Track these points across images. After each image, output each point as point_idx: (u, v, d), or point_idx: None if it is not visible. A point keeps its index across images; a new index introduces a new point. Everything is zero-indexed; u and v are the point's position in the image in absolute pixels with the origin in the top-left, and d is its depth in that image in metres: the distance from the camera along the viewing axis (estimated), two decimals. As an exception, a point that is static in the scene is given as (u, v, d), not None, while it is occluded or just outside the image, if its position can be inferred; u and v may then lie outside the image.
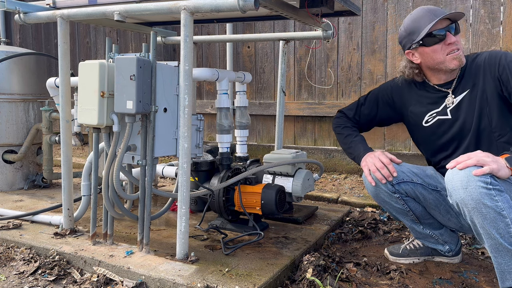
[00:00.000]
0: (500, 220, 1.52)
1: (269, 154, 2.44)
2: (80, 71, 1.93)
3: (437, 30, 1.82)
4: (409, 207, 1.99)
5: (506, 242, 1.54)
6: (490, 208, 1.52)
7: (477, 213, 1.54)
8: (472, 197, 1.53)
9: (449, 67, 1.86)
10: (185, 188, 1.84)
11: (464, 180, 1.55)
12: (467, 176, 1.55)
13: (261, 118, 4.21)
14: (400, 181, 1.93)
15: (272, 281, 1.76)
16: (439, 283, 1.91)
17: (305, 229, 2.38)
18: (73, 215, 2.26)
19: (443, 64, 1.87)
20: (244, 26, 4.19)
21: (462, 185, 1.55)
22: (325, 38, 2.67)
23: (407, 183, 1.94)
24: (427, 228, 2.06)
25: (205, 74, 2.16)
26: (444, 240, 2.07)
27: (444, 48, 1.84)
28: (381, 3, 3.60)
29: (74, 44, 5.31)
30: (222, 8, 1.71)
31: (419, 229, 2.07)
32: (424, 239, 2.11)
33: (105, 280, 1.82)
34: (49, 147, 3.14)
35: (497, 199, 1.52)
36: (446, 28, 1.83)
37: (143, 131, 1.90)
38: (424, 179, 1.95)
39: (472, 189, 1.53)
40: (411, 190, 1.94)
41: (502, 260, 1.57)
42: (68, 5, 2.18)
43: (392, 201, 1.98)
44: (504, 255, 1.56)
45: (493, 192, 1.52)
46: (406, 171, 1.95)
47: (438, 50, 1.85)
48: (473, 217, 1.57)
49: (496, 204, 1.52)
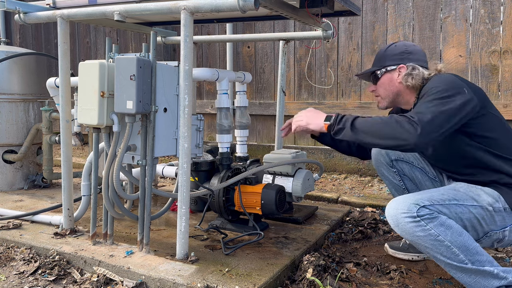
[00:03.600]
0: (439, 245, 1.59)
1: (269, 154, 2.44)
2: (80, 71, 1.93)
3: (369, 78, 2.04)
4: (405, 185, 2.13)
5: (455, 262, 1.60)
6: (425, 238, 1.59)
7: (417, 244, 1.63)
8: (406, 233, 1.61)
9: None
10: (185, 188, 1.84)
11: (394, 219, 1.63)
12: (395, 215, 1.62)
13: (261, 118, 4.21)
14: (399, 158, 2.10)
15: (272, 281, 1.76)
16: (439, 283, 1.91)
17: (305, 229, 2.38)
18: (73, 215, 2.26)
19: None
20: (244, 26, 4.19)
21: (394, 224, 1.63)
22: (325, 38, 2.67)
23: (405, 162, 2.11)
24: None
25: (205, 74, 2.16)
26: None
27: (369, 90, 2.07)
28: (381, 3, 3.60)
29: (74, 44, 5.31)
30: (222, 8, 1.71)
31: None
32: None
33: (105, 280, 1.82)
34: (49, 147, 3.14)
35: (429, 228, 1.58)
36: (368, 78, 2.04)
37: (143, 131, 1.90)
38: (426, 167, 2.09)
39: (402, 226, 1.60)
40: (408, 171, 2.11)
41: (461, 275, 1.63)
42: (68, 5, 2.18)
43: (390, 175, 2.15)
44: (460, 271, 1.62)
45: (422, 223, 1.58)
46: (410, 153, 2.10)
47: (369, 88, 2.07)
48: (416, 247, 1.67)
49: (429, 233, 1.58)
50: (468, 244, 1.60)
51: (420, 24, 3.48)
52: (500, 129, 1.78)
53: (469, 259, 1.59)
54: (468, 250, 1.60)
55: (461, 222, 1.65)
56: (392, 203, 1.66)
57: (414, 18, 3.50)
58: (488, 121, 1.75)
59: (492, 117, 1.78)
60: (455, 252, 1.59)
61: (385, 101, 1.98)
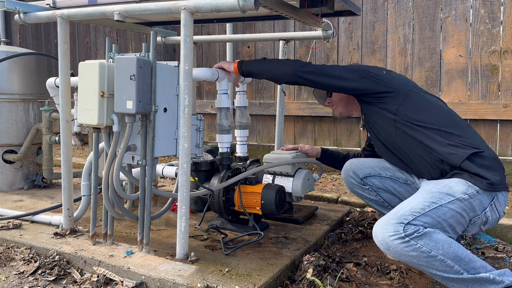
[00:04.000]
0: (433, 260, 1.59)
1: (269, 154, 2.43)
2: (80, 71, 1.93)
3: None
4: (383, 198, 2.16)
5: (451, 274, 1.60)
6: (419, 257, 1.59)
7: (412, 264, 1.63)
8: (399, 255, 1.61)
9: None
10: (185, 188, 1.84)
11: (383, 243, 1.63)
12: (384, 240, 1.63)
13: (261, 118, 4.21)
14: (367, 175, 2.14)
15: (272, 281, 1.76)
16: (439, 283, 1.91)
17: (305, 229, 2.38)
18: (73, 215, 2.26)
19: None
20: (244, 26, 4.19)
21: (385, 248, 1.64)
22: (325, 38, 2.67)
23: (374, 177, 2.15)
24: None
25: (205, 74, 2.16)
26: None
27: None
28: (381, 3, 3.60)
29: (74, 44, 5.31)
30: (222, 8, 1.71)
31: None
32: None
33: (105, 280, 1.82)
34: (49, 147, 3.14)
35: (420, 246, 1.59)
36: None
37: (143, 131, 1.90)
38: (394, 174, 2.13)
39: (393, 249, 1.61)
40: (379, 183, 2.15)
41: (459, 285, 1.63)
42: (68, 5, 2.18)
43: (366, 193, 2.19)
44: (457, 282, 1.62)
45: (412, 242, 1.59)
46: (374, 165, 2.15)
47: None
48: (412, 266, 1.68)
49: (421, 251, 1.58)
50: (460, 253, 1.61)
51: (420, 24, 3.48)
52: (432, 111, 1.92)
53: (464, 268, 1.60)
54: (461, 259, 1.60)
55: (446, 223, 1.66)
56: (377, 227, 1.67)
57: (414, 18, 3.50)
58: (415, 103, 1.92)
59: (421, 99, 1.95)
60: (450, 264, 1.59)
61: (339, 107, 2.24)
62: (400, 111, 1.90)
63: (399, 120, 1.90)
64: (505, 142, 3.25)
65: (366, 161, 2.19)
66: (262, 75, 2.15)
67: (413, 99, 1.93)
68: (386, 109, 1.93)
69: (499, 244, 2.36)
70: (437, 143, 1.84)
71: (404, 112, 1.90)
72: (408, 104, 1.91)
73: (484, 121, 3.28)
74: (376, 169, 2.15)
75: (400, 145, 1.96)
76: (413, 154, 1.93)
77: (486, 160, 1.79)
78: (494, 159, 1.81)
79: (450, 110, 1.98)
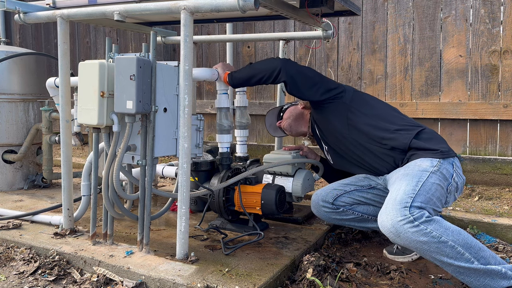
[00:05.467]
0: (444, 246, 1.58)
1: (269, 154, 2.43)
2: (80, 71, 1.93)
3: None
4: (360, 212, 2.18)
5: (461, 262, 1.59)
6: (429, 242, 1.59)
7: (421, 251, 1.62)
8: (409, 242, 1.61)
9: None
10: (185, 188, 1.84)
11: (393, 230, 1.63)
12: (393, 226, 1.63)
13: (261, 118, 4.20)
14: (335, 196, 2.17)
15: (272, 281, 1.76)
16: (439, 283, 1.91)
17: (305, 229, 2.38)
18: (73, 215, 2.26)
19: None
20: (244, 26, 4.19)
21: (395, 236, 1.63)
22: (325, 38, 2.66)
23: (341, 196, 2.17)
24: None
25: (205, 74, 2.16)
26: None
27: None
28: (381, 3, 3.60)
29: (74, 44, 5.30)
30: (222, 8, 1.71)
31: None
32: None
33: (105, 280, 1.82)
34: (49, 147, 3.14)
35: (430, 230, 1.59)
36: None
37: (143, 131, 1.90)
38: (357, 183, 2.19)
39: (404, 235, 1.60)
40: (349, 199, 2.18)
41: (470, 279, 1.62)
42: (68, 5, 2.18)
43: (343, 216, 2.19)
44: (468, 274, 1.61)
45: (422, 226, 1.59)
46: (337, 186, 2.20)
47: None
48: (422, 254, 1.66)
49: (432, 236, 1.58)
50: (470, 241, 1.60)
51: (420, 24, 3.48)
52: (374, 104, 2.17)
53: (474, 256, 1.59)
54: (471, 247, 1.59)
55: (434, 197, 1.71)
56: (383, 217, 1.68)
57: (414, 18, 3.49)
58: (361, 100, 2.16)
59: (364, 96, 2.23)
60: (460, 251, 1.58)
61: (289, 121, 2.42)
62: (352, 105, 2.11)
63: (351, 115, 2.07)
64: (505, 142, 3.25)
65: (328, 187, 2.25)
66: (252, 79, 2.12)
67: (358, 95, 2.19)
68: (340, 105, 2.11)
69: (499, 244, 2.36)
70: (385, 131, 2.00)
71: (355, 107, 2.11)
72: (355, 99, 2.14)
73: (484, 121, 3.28)
74: (339, 188, 2.20)
75: (351, 148, 2.12)
76: (364, 153, 2.07)
77: (430, 135, 1.99)
78: (434, 133, 2.06)
79: (386, 103, 2.26)
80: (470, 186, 3.13)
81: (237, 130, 2.41)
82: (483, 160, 3.19)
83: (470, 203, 2.90)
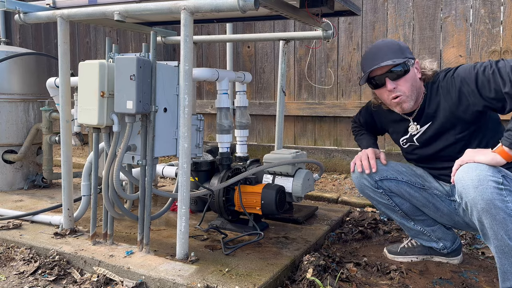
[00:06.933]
0: (510, 221, 1.52)
1: (269, 154, 2.43)
2: (80, 71, 1.93)
3: (377, 77, 1.86)
4: (395, 202, 2.05)
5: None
6: (500, 210, 1.51)
7: (486, 214, 1.54)
8: (483, 197, 1.52)
9: (394, 110, 1.92)
10: (185, 188, 1.84)
11: (475, 179, 1.53)
12: (479, 175, 1.53)
13: (261, 118, 4.21)
14: (383, 178, 2.02)
15: (272, 281, 1.76)
16: (439, 283, 1.91)
17: (305, 229, 2.38)
18: (73, 215, 2.26)
19: (390, 106, 1.93)
20: (244, 26, 4.19)
21: (473, 185, 1.53)
22: (325, 38, 2.66)
23: (390, 180, 2.02)
24: (418, 224, 2.09)
25: (205, 74, 2.16)
26: (437, 237, 2.08)
27: (387, 93, 1.86)
28: (381, 3, 3.60)
29: (74, 44, 5.30)
30: (222, 8, 1.71)
31: (409, 225, 2.10)
32: (416, 237, 2.13)
33: (105, 280, 1.82)
34: (49, 147, 3.14)
35: (507, 200, 1.52)
36: (385, 74, 1.83)
37: (143, 131, 1.90)
38: (411, 178, 2.02)
39: (483, 189, 1.52)
40: (395, 188, 2.02)
41: (506, 261, 1.57)
42: (68, 5, 2.18)
43: (377, 197, 2.05)
44: (509, 256, 1.57)
45: (504, 192, 1.52)
46: (391, 169, 2.03)
47: (383, 93, 1.89)
48: (482, 217, 1.56)
49: (506, 205, 1.52)
50: None
51: (420, 24, 3.48)
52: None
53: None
54: None
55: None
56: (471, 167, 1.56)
57: (414, 18, 3.50)
58: None
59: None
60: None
61: (411, 99, 1.85)
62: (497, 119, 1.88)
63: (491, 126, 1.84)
64: (505, 142, 3.24)
65: (381, 164, 2.05)
66: None
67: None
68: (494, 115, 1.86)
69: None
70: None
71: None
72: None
73: (484, 121, 3.28)
74: (392, 172, 2.02)
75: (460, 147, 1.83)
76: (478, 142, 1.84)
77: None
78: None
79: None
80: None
81: (237, 130, 2.41)
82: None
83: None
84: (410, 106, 1.87)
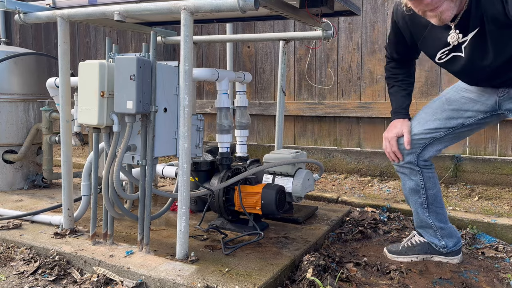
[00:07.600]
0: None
1: (269, 154, 2.44)
2: (80, 71, 1.93)
3: None
4: (424, 184, 2.03)
5: None
6: None
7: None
8: None
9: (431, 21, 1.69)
10: (185, 188, 1.84)
11: None
12: None
13: (261, 118, 4.21)
14: (422, 148, 1.97)
15: (272, 281, 1.76)
16: (439, 283, 1.91)
17: (305, 229, 2.38)
18: (73, 215, 2.26)
19: (427, 16, 1.68)
20: (244, 26, 4.19)
21: None
22: (325, 38, 2.67)
23: (428, 147, 1.98)
24: (431, 217, 2.08)
25: (205, 74, 2.16)
26: (442, 235, 2.09)
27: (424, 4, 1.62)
28: (381, 3, 3.60)
29: (74, 44, 5.30)
30: (222, 8, 1.71)
31: (423, 215, 2.09)
32: (423, 229, 2.13)
33: (105, 280, 1.82)
34: (49, 147, 3.14)
35: None
36: None
37: (143, 131, 1.90)
38: (446, 124, 1.94)
39: None
40: (436, 151, 1.98)
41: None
42: (68, 5, 2.18)
43: (412, 175, 2.02)
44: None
45: None
46: (423, 131, 1.95)
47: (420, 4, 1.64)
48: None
49: None
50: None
51: None
52: None
53: None
54: None
55: None
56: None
57: (414, 18, 3.49)
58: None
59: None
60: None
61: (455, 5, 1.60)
62: None
63: None
64: (505, 142, 3.24)
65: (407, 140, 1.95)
66: None
67: None
68: None
69: (499, 244, 2.36)
70: None
71: None
72: None
73: (484, 121, 3.28)
74: (427, 135, 1.94)
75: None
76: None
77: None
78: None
79: None
80: (470, 186, 3.13)
81: (237, 130, 2.41)
82: (483, 160, 3.19)
83: (470, 203, 2.90)
84: (450, 16, 1.62)
